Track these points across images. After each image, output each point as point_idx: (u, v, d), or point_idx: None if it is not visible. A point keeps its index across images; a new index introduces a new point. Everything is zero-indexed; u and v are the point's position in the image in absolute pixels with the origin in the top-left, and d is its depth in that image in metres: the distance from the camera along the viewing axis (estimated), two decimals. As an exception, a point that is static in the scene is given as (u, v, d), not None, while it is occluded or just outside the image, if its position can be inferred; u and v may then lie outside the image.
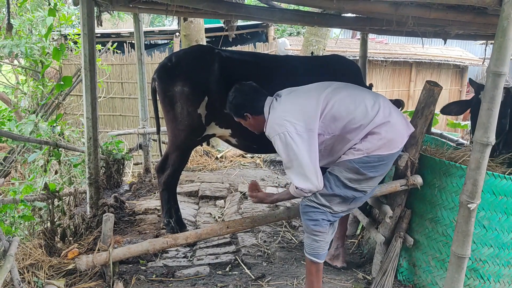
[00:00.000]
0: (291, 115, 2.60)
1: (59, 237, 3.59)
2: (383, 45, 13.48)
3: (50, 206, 3.69)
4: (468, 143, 3.99)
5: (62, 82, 5.01)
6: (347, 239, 4.06)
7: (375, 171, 2.67)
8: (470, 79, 4.11)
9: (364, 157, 2.62)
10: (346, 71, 3.85)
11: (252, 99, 2.81)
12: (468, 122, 7.31)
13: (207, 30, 9.00)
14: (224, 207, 5.02)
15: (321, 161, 2.68)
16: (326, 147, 2.69)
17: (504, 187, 2.80)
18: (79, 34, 7.53)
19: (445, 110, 3.94)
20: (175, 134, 3.68)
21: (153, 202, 4.92)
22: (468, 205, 2.48)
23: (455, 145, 3.91)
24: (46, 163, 5.22)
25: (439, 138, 4.30)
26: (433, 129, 4.98)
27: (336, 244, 3.50)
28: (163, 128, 4.17)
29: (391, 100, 4.21)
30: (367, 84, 4.11)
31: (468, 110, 3.90)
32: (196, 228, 4.14)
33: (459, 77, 13.60)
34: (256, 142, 3.67)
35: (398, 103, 4.16)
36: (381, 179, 2.80)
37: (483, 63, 10.31)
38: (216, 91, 3.47)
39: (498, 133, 2.89)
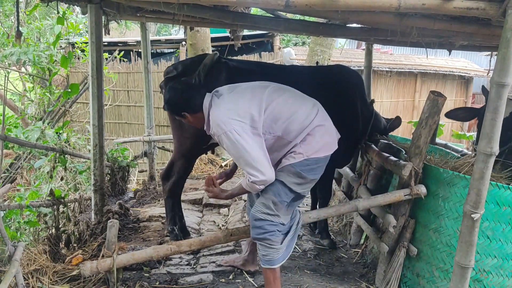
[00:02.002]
0: (236, 114, 2.62)
1: (63, 243, 3.61)
2: (388, 56, 13.52)
3: (55, 212, 3.72)
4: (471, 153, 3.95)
5: (69, 90, 5.05)
6: (351, 248, 4.06)
7: (314, 174, 2.79)
8: (483, 86, 4.08)
9: (304, 160, 2.71)
10: (349, 81, 3.87)
11: (189, 98, 2.77)
12: (473, 133, 7.29)
13: (213, 39, 9.06)
14: (228, 215, 5.03)
15: None
16: (267, 148, 2.71)
17: (508, 198, 2.79)
18: (86, 43, 7.62)
19: (451, 114, 3.92)
20: (181, 142, 3.70)
21: (158, 209, 4.94)
22: (472, 215, 2.48)
23: (459, 155, 3.90)
24: (52, 169, 5.25)
25: (443, 148, 4.30)
26: (437, 140, 4.97)
27: (249, 249, 3.48)
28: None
29: (388, 119, 4.28)
30: (369, 100, 4.14)
31: (475, 120, 3.89)
32: (200, 236, 4.15)
33: (464, 88, 13.59)
34: None
35: (399, 120, 4.19)
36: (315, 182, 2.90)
37: (487, 74, 10.31)
38: None
39: (503, 144, 2.89)
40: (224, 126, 2.60)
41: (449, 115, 3.93)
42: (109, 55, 9.20)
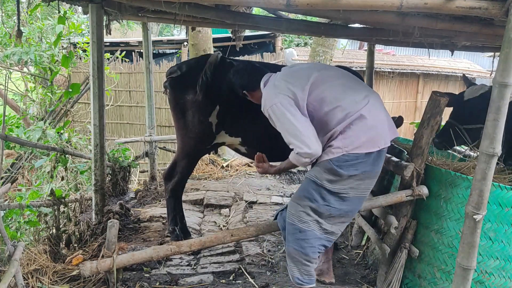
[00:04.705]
0: (280, 89, 2.69)
1: (64, 243, 3.60)
2: (390, 56, 13.48)
3: (56, 212, 3.72)
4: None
5: (70, 90, 5.06)
6: (352, 249, 4.04)
7: (354, 169, 2.61)
8: (463, 75, 3.98)
9: (342, 155, 2.59)
10: None
11: (248, 77, 2.96)
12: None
13: (215, 40, 9.06)
14: (229, 215, 5.01)
15: None
16: None
17: (511, 199, 2.77)
18: (88, 42, 7.61)
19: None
20: (185, 142, 3.69)
21: (158, 209, 4.93)
22: (474, 216, 2.46)
23: (461, 156, 3.88)
24: (53, 169, 5.26)
25: (445, 149, 4.27)
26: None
27: (324, 258, 3.39)
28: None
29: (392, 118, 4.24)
30: None
31: None
32: (201, 236, 4.13)
33: (466, 89, 13.54)
34: (266, 151, 3.66)
35: (401, 120, 4.17)
36: (370, 182, 2.73)
37: (490, 75, 10.29)
38: (228, 100, 3.49)
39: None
40: (270, 101, 2.69)
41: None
42: (111, 55, 9.21)
